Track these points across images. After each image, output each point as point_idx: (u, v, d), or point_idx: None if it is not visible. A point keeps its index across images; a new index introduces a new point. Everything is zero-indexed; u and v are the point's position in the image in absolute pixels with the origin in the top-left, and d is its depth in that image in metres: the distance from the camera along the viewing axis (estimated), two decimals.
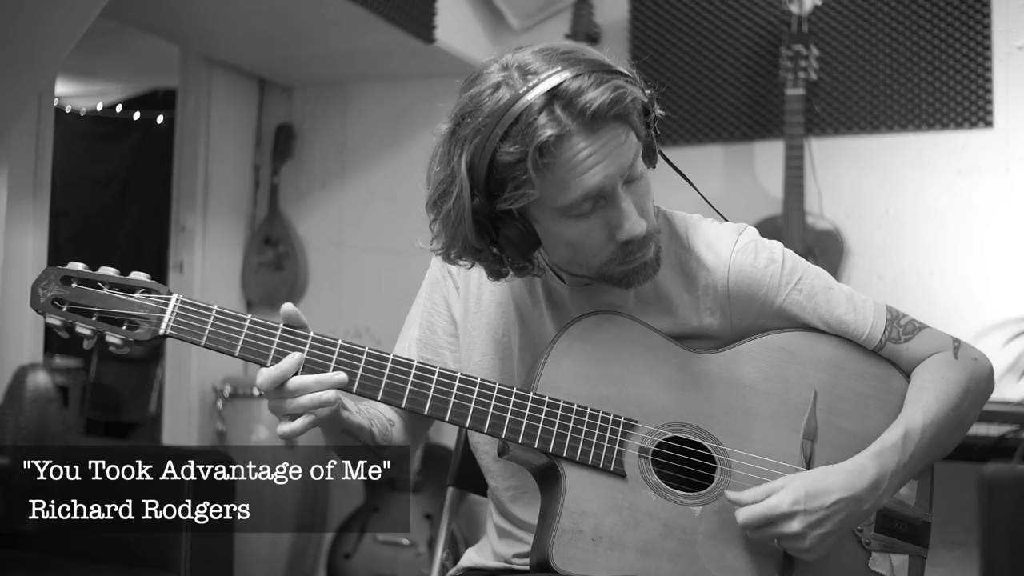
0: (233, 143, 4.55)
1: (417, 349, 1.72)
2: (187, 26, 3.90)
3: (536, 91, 1.37)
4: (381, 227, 4.45)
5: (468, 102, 1.42)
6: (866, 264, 3.69)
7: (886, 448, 1.51)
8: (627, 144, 1.41)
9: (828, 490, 1.46)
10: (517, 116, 1.37)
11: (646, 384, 1.52)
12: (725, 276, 1.58)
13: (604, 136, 1.39)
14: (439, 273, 1.74)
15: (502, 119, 1.38)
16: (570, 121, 1.37)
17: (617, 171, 1.41)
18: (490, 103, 1.40)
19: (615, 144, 1.40)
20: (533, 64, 1.40)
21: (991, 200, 3.55)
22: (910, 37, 3.64)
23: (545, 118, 1.36)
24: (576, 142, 1.38)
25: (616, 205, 1.43)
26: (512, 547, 1.68)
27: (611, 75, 1.39)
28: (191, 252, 4.35)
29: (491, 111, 1.39)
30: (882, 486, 1.49)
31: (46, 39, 2.79)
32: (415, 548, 3.83)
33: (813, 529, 1.44)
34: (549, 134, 1.36)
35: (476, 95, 1.42)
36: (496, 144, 1.38)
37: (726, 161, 3.86)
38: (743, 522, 1.45)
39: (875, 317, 1.61)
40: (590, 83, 1.37)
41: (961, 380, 1.59)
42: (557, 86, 1.37)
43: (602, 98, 1.36)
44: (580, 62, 1.39)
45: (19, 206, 3.21)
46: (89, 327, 1.44)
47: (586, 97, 1.36)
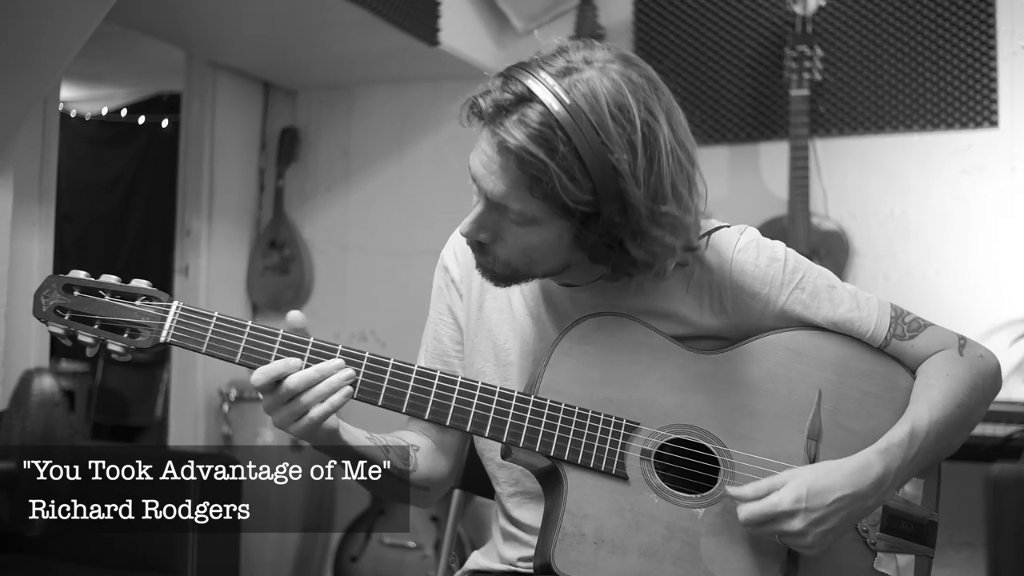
0: (238, 147, 4.56)
1: (426, 361, 1.73)
2: (192, 30, 3.91)
3: (534, 83, 1.39)
4: (386, 230, 4.45)
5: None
6: (872, 264, 3.69)
7: (892, 445, 1.51)
8: (510, 189, 1.42)
9: (831, 488, 1.45)
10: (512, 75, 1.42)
11: (648, 386, 1.52)
12: (727, 275, 1.58)
13: (500, 160, 1.41)
14: (442, 282, 1.74)
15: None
16: (497, 123, 1.40)
17: (484, 186, 1.44)
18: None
19: (500, 173, 1.42)
20: (582, 82, 1.40)
21: (997, 200, 3.55)
22: (914, 37, 3.63)
23: (500, 97, 1.39)
24: (487, 135, 1.42)
25: (476, 200, 1.49)
26: (517, 551, 1.68)
27: (564, 148, 1.37)
28: (196, 256, 4.35)
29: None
30: (887, 483, 1.49)
31: (50, 44, 2.80)
32: (421, 550, 3.83)
33: (815, 527, 1.44)
34: (485, 107, 1.41)
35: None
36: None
37: (731, 162, 3.85)
38: (744, 519, 1.45)
39: (879, 314, 1.60)
40: (535, 131, 1.37)
41: (967, 377, 1.59)
42: (534, 99, 1.38)
43: (510, 142, 1.37)
44: (583, 123, 1.37)
45: (25, 211, 3.21)
46: (91, 335, 1.44)
47: (512, 129, 1.38)
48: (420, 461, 1.66)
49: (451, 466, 1.74)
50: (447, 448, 1.73)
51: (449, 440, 1.72)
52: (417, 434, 1.72)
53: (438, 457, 1.71)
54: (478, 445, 1.73)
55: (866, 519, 1.54)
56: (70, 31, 2.81)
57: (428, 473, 1.68)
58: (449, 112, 4.39)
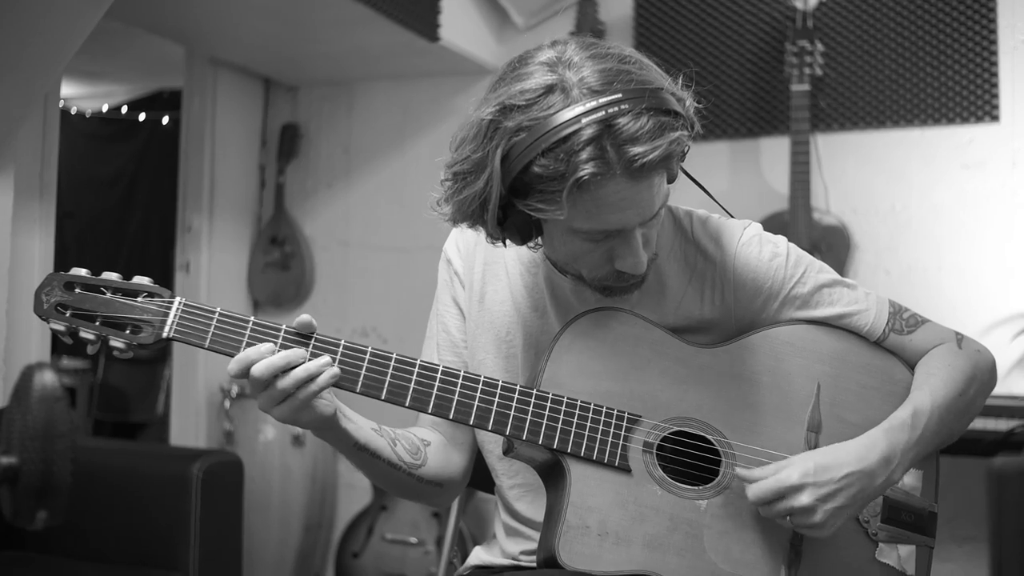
0: (239, 143, 4.56)
1: (439, 354, 1.72)
2: (192, 27, 3.91)
3: (591, 117, 1.32)
4: (387, 226, 4.45)
5: (517, 94, 1.37)
6: (873, 259, 3.69)
7: (895, 426, 1.52)
8: (659, 192, 1.41)
9: (838, 463, 1.46)
10: (565, 136, 1.32)
11: (649, 379, 1.52)
12: (730, 269, 1.59)
13: (642, 185, 1.37)
14: (447, 275, 1.75)
15: (548, 132, 1.33)
16: (616, 165, 1.33)
17: (641, 218, 1.41)
18: (539, 106, 1.35)
19: (650, 194, 1.39)
20: (590, 78, 1.36)
21: (998, 194, 3.55)
22: (915, 32, 3.63)
23: (591, 152, 1.32)
24: (616, 184, 1.35)
25: (626, 241, 1.44)
26: (519, 545, 1.69)
27: (667, 117, 1.35)
28: (197, 252, 4.35)
29: (539, 117, 1.34)
30: (894, 461, 1.49)
31: (51, 40, 2.80)
32: (423, 547, 3.84)
33: (824, 503, 1.44)
34: (592, 172, 1.32)
35: (526, 91, 1.36)
36: (536, 154, 1.34)
37: (732, 157, 3.85)
38: (754, 498, 1.45)
39: (878, 310, 1.63)
40: (647, 130, 1.33)
41: (966, 368, 1.61)
42: (613, 122, 1.32)
43: (654, 154, 1.33)
44: (638, 92, 1.35)
45: (26, 208, 3.22)
46: (93, 332, 1.43)
47: (639, 149, 1.32)
48: (431, 456, 1.66)
49: (465, 462, 1.74)
50: (459, 443, 1.73)
51: (461, 435, 1.72)
52: (429, 429, 1.72)
53: (451, 452, 1.71)
54: (478, 438, 1.73)
55: (867, 509, 1.55)
56: (70, 28, 2.81)
57: (440, 468, 1.67)
58: (450, 108, 4.42)
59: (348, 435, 1.52)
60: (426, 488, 1.67)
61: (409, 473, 1.62)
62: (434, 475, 1.66)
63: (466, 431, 1.71)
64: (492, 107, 1.39)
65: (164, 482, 2.77)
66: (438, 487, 1.68)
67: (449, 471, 1.70)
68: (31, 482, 1.13)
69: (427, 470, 1.65)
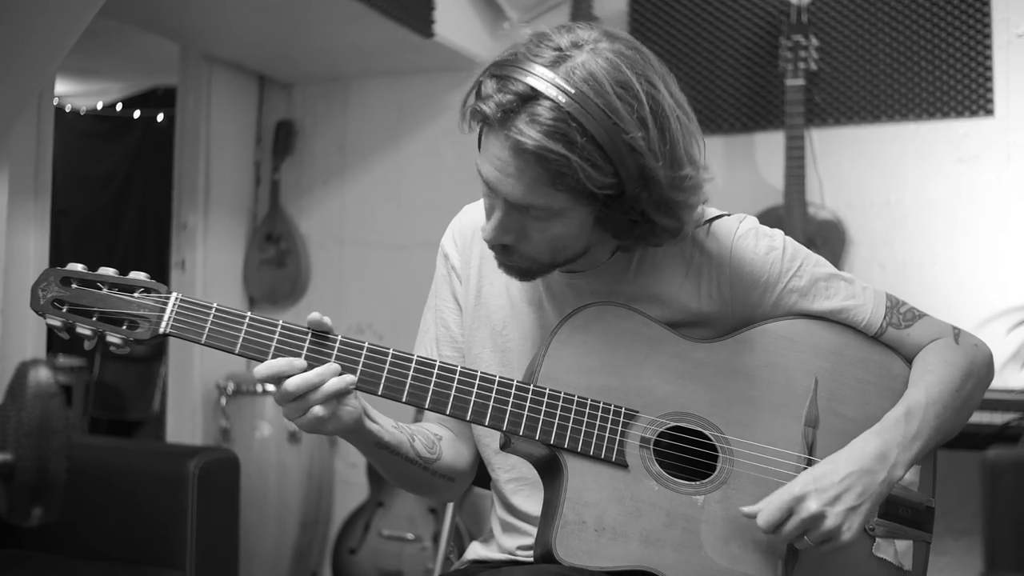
0: (234, 140, 4.55)
1: (438, 348, 1.73)
2: (186, 24, 3.90)
3: (533, 80, 1.36)
4: (383, 223, 4.45)
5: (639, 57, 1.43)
6: (868, 254, 3.69)
7: (888, 424, 1.52)
8: (532, 189, 1.40)
9: (835, 468, 1.47)
10: (509, 73, 1.39)
11: (646, 374, 1.52)
12: (727, 262, 1.59)
13: (517, 162, 1.38)
14: (444, 270, 1.75)
15: (509, 63, 1.41)
16: (508, 127, 1.37)
17: (504, 192, 1.42)
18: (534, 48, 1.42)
19: (518, 176, 1.40)
20: (578, 68, 1.37)
21: (992, 188, 3.55)
22: (910, 26, 3.63)
23: (502, 99, 1.37)
24: (499, 141, 1.39)
25: (491, 206, 1.47)
26: (516, 539, 1.69)
27: (581, 139, 1.35)
28: (193, 250, 4.35)
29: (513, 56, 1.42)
30: (890, 458, 1.49)
31: (45, 38, 2.79)
32: (420, 542, 3.84)
33: (832, 506, 1.44)
34: (488, 113, 1.38)
35: (543, 34, 1.44)
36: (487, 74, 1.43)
37: (727, 152, 3.86)
38: (766, 524, 1.44)
39: (875, 304, 1.62)
40: (550, 125, 1.34)
41: (963, 363, 1.61)
42: (539, 96, 1.36)
43: (528, 143, 1.35)
44: (590, 108, 1.36)
45: (20, 206, 3.21)
46: (89, 327, 1.43)
47: (526, 128, 1.35)
48: (444, 450, 1.67)
49: (473, 455, 1.75)
50: (467, 437, 1.74)
51: (468, 429, 1.74)
52: (437, 424, 1.73)
53: (460, 446, 1.72)
54: (475, 433, 1.73)
55: None
56: (64, 25, 2.80)
57: (452, 462, 1.69)
58: (445, 104, 4.41)
59: (372, 435, 1.53)
60: (438, 482, 1.68)
61: (425, 468, 1.63)
62: (447, 468, 1.68)
63: (471, 424, 1.72)
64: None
65: (160, 479, 2.77)
66: (450, 481, 1.70)
67: (460, 464, 1.71)
68: (26, 479, 1.13)
69: (441, 464, 1.66)
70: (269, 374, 1.42)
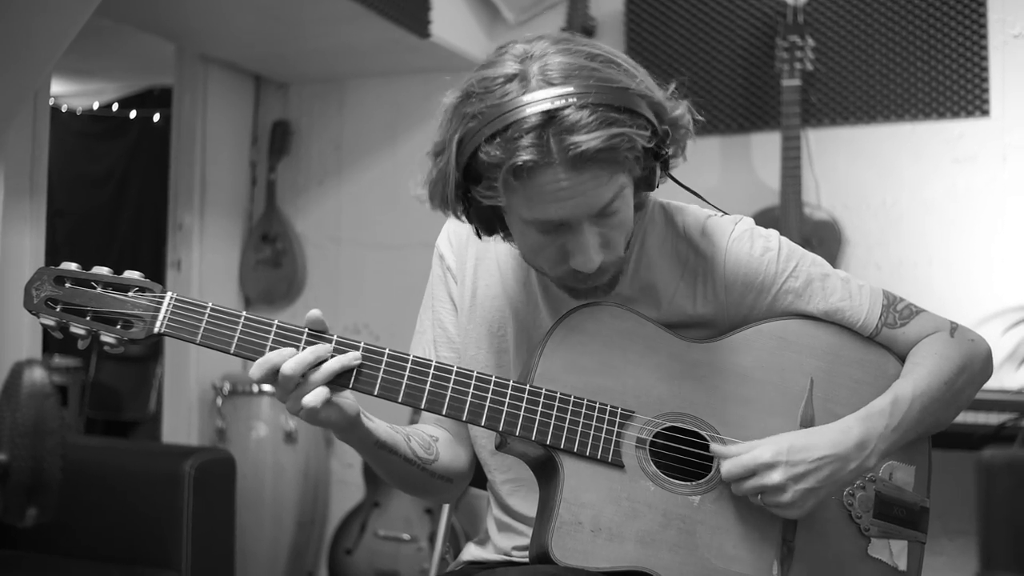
0: (230, 140, 4.55)
1: (435, 350, 1.73)
2: (182, 24, 3.90)
3: (535, 108, 1.33)
4: (379, 223, 4.45)
5: (478, 82, 1.39)
6: (864, 254, 3.69)
7: (873, 412, 1.53)
8: (607, 186, 1.39)
9: (812, 446, 1.47)
10: (508, 125, 1.34)
11: (642, 374, 1.52)
12: (722, 264, 1.59)
13: (584, 175, 1.36)
14: (440, 270, 1.75)
15: (495, 119, 1.34)
16: (555, 153, 1.33)
17: (586, 211, 1.40)
18: (496, 94, 1.36)
19: (593, 185, 1.37)
20: (551, 69, 1.36)
21: (988, 189, 3.56)
22: (906, 27, 3.64)
23: (531, 140, 1.33)
24: (554, 173, 1.35)
25: (576, 237, 1.43)
26: (511, 540, 1.69)
27: (619, 114, 1.34)
28: (189, 250, 4.35)
29: (492, 104, 1.36)
30: (868, 447, 1.50)
31: (40, 38, 2.79)
32: (416, 543, 3.84)
33: (795, 483, 1.45)
34: (528, 159, 1.33)
35: (488, 78, 1.38)
36: (482, 140, 1.36)
37: (723, 153, 3.86)
38: (726, 473, 1.46)
39: (871, 303, 1.62)
40: (591, 121, 1.32)
41: (956, 356, 1.60)
42: (557, 111, 1.32)
43: (593, 144, 1.32)
44: (595, 87, 1.35)
45: (16, 206, 3.21)
46: (83, 327, 1.43)
47: (578, 137, 1.32)
48: (441, 451, 1.68)
49: (471, 456, 1.75)
50: (464, 438, 1.74)
51: (465, 430, 1.73)
52: (434, 425, 1.73)
53: (457, 447, 1.72)
54: (471, 433, 1.73)
55: (859, 505, 1.55)
56: (60, 25, 2.80)
57: (449, 463, 1.69)
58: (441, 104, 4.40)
59: (371, 434, 1.53)
60: (437, 483, 1.68)
61: (423, 468, 1.63)
62: (445, 469, 1.68)
63: (467, 425, 1.72)
64: (457, 92, 1.43)
65: (156, 479, 2.77)
66: (448, 482, 1.70)
67: (457, 465, 1.71)
68: (21, 479, 1.13)
69: (439, 465, 1.66)
70: (263, 370, 1.41)
